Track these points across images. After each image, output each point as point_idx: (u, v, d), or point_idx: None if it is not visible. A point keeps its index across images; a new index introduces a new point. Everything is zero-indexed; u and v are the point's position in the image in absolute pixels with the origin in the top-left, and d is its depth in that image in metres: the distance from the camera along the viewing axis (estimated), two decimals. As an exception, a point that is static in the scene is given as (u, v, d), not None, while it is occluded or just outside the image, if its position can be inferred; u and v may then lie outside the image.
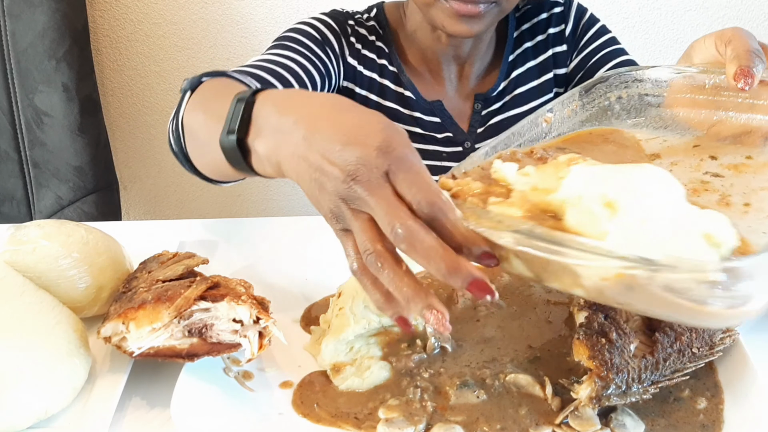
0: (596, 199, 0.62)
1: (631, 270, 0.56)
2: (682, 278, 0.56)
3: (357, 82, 1.36)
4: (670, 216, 0.61)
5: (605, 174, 0.65)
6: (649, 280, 0.56)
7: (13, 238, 0.87)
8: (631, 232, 0.60)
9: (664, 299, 0.57)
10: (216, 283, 0.80)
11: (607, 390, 0.71)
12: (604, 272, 0.58)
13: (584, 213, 0.62)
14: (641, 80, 0.88)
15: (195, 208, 2.36)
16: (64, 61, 1.85)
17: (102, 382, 0.80)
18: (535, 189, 0.68)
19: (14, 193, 1.90)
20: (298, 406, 0.78)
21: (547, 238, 0.59)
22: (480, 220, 0.63)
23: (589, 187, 0.64)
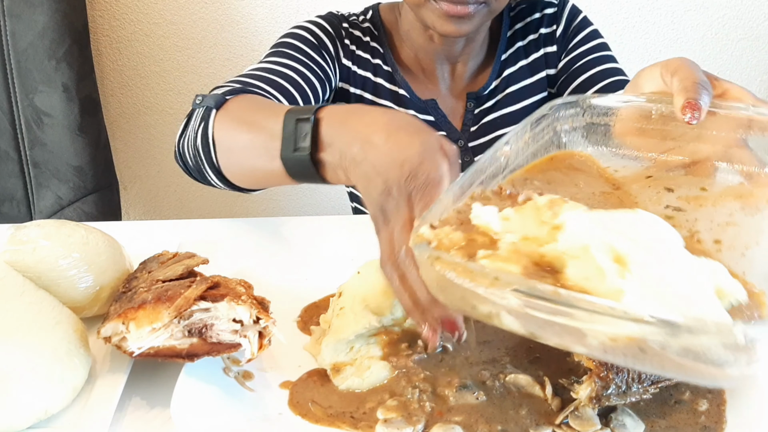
0: (604, 254, 0.58)
1: (650, 334, 0.53)
2: (704, 342, 0.53)
3: (351, 82, 1.38)
4: (678, 270, 0.58)
5: (604, 223, 0.62)
6: (667, 343, 0.53)
7: (13, 238, 0.87)
8: (646, 291, 0.56)
9: (677, 363, 0.54)
10: (216, 283, 0.80)
11: (607, 390, 0.71)
12: (614, 333, 0.55)
13: (591, 268, 0.58)
14: (587, 109, 0.87)
15: (195, 208, 2.36)
16: (64, 61, 1.85)
17: (102, 382, 0.80)
18: (525, 239, 0.64)
19: (14, 193, 1.90)
20: (294, 406, 0.77)
21: (554, 298, 0.55)
22: (475, 278, 0.59)
23: (593, 239, 0.60)
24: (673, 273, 0.57)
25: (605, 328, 0.54)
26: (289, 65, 1.26)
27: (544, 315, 0.56)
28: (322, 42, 1.34)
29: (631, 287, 0.56)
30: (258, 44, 2.11)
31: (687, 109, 0.77)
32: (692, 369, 0.55)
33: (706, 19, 2.14)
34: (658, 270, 0.57)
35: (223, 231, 1.15)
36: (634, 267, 0.57)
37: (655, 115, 0.84)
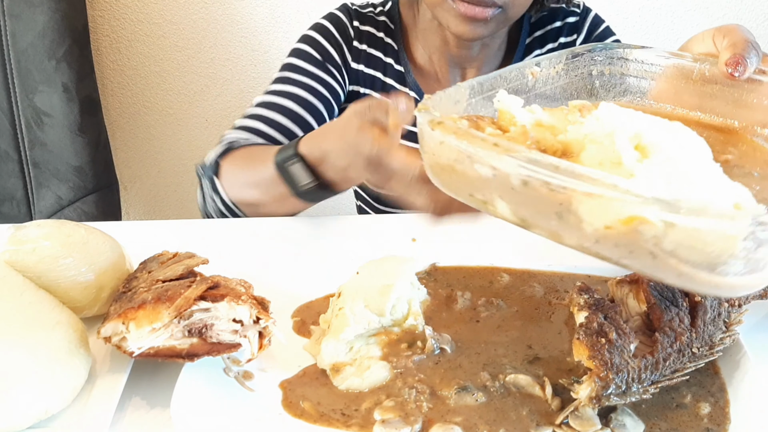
0: (628, 140, 0.56)
1: (647, 211, 0.50)
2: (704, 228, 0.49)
3: (360, 83, 1.38)
4: (700, 175, 0.56)
5: (638, 117, 0.60)
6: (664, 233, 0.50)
7: (13, 238, 0.87)
8: (659, 180, 0.53)
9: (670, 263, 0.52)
10: (216, 283, 0.80)
11: (606, 390, 0.71)
12: (614, 215, 0.52)
13: (608, 153, 0.56)
14: (626, 59, 0.86)
15: (195, 208, 2.34)
16: (64, 61, 1.85)
17: (102, 382, 0.79)
18: (540, 125, 0.62)
19: (14, 193, 1.90)
20: (287, 406, 0.77)
21: (554, 165, 0.53)
22: (475, 141, 0.58)
23: (621, 126, 0.58)
24: (695, 175, 0.55)
25: (602, 210, 0.52)
26: (292, 94, 1.32)
27: (542, 185, 0.54)
28: (328, 54, 1.35)
29: (644, 173, 0.53)
30: (258, 44, 2.11)
31: (732, 62, 0.77)
32: (685, 272, 0.52)
33: (707, 20, 2.13)
34: (680, 167, 0.54)
35: (223, 231, 1.15)
36: (656, 158, 0.54)
37: (696, 76, 0.83)
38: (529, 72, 0.77)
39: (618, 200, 0.51)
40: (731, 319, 0.80)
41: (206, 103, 2.20)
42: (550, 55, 0.81)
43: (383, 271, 0.87)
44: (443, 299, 0.92)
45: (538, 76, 0.79)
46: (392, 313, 0.85)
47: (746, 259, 0.51)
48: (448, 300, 0.92)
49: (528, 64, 0.78)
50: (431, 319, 0.88)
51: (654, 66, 0.85)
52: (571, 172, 0.53)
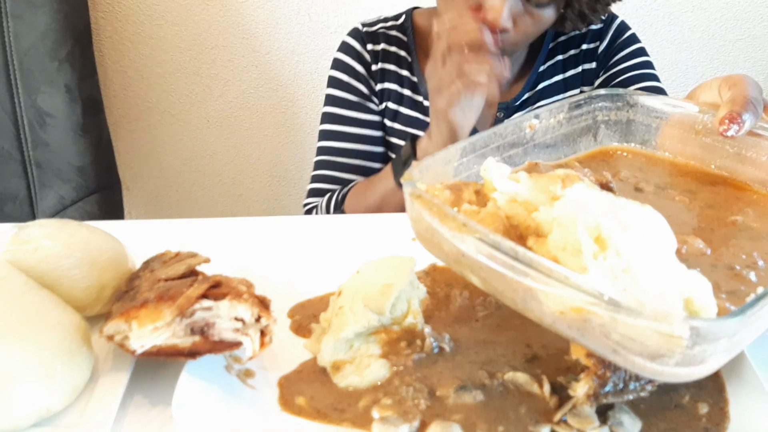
0: (588, 231, 0.59)
1: (592, 306, 0.55)
2: (641, 326, 0.54)
3: (385, 98, 1.41)
4: (655, 269, 0.58)
5: (604, 205, 0.62)
6: (607, 323, 0.55)
7: (16, 237, 0.87)
8: (610, 277, 0.57)
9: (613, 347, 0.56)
10: (218, 282, 0.80)
11: (604, 388, 0.72)
12: (566, 303, 0.56)
13: (572, 241, 0.60)
14: (633, 105, 0.86)
15: (197, 208, 2.37)
16: (67, 62, 1.85)
17: (104, 381, 0.80)
18: (514, 201, 0.65)
19: (17, 193, 1.91)
20: (284, 404, 0.78)
21: (514, 255, 0.57)
22: (446, 220, 0.62)
23: (584, 214, 0.61)
24: (647, 271, 0.58)
25: (556, 297, 0.56)
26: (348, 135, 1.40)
27: (499, 267, 0.58)
28: (361, 93, 1.41)
29: (598, 270, 0.57)
30: (259, 45, 2.12)
31: (725, 119, 0.76)
32: (626, 358, 0.56)
33: (704, 20, 2.14)
34: (632, 263, 0.58)
35: (225, 230, 1.15)
36: (611, 252, 0.58)
37: (700, 127, 0.83)
38: (527, 125, 0.79)
39: (568, 293, 0.56)
40: (729, 317, 0.81)
41: (208, 103, 2.21)
42: (550, 106, 0.82)
43: (384, 271, 0.87)
44: (442, 298, 0.92)
45: (536, 127, 0.80)
46: (392, 311, 0.85)
47: (683, 355, 0.54)
48: (447, 299, 0.92)
49: (526, 117, 0.79)
50: (430, 317, 0.89)
51: (660, 113, 0.86)
52: (528, 261, 0.57)
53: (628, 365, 0.58)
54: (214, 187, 2.34)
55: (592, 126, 0.86)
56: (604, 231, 0.59)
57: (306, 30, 2.09)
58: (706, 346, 0.54)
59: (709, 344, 0.54)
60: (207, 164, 2.30)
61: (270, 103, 2.21)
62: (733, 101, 0.78)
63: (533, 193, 0.66)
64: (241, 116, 2.23)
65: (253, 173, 2.32)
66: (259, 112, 2.23)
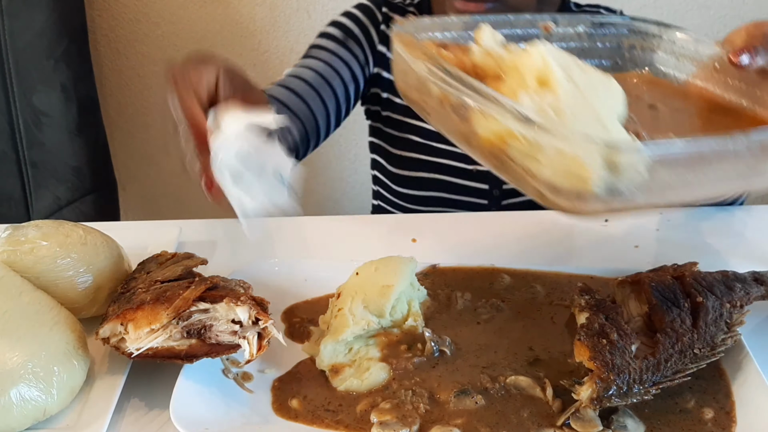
0: (534, 74, 0.63)
1: (509, 123, 0.57)
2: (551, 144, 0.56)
3: (385, 67, 1.40)
4: (586, 118, 0.61)
5: (565, 60, 0.65)
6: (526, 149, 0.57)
7: (11, 238, 0.87)
8: (538, 110, 0.60)
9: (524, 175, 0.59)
10: (215, 283, 0.79)
11: (608, 391, 0.71)
12: (491, 128, 0.59)
13: (521, 82, 0.64)
14: (659, 37, 0.85)
15: (193, 209, 2.35)
16: (63, 61, 1.84)
17: (100, 383, 0.79)
18: (488, 54, 0.69)
19: (12, 194, 1.90)
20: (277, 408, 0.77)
21: (456, 77, 0.62)
22: (411, 48, 0.67)
23: (537, 63, 0.64)
24: (578, 116, 0.60)
25: (483, 122, 0.60)
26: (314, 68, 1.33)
27: (442, 86, 0.64)
28: (351, 33, 1.38)
29: (528, 100, 0.61)
30: (257, 44, 2.11)
31: (739, 51, 0.77)
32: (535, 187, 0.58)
33: (707, 20, 2.13)
34: (567, 106, 0.61)
35: (222, 231, 1.14)
36: (549, 94, 0.61)
37: (721, 66, 0.84)
38: (541, 25, 0.79)
39: (494, 112, 0.59)
40: (733, 319, 0.80)
41: (205, 103, 2.20)
42: (572, 15, 0.82)
43: (383, 272, 0.86)
44: (443, 300, 0.92)
45: (552, 31, 0.80)
46: (392, 314, 0.84)
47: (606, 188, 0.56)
48: (449, 301, 0.91)
49: (543, 17, 0.79)
50: (431, 320, 0.88)
51: (684, 49, 0.86)
52: (468, 83, 0.62)
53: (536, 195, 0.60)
54: (211, 188, 2.33)
55: (616, 50, 0.86)
56: (551, 78, 0.62)
57: (305, 28, 2.08)
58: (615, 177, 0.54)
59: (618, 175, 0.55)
60: (204, 164, 2.29)
61: (268, 103, 2.20)
62: (752, 36, 0.79)
63: (512, 56, 0.69)
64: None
65: (250, 173, 2.31)
66: (256, 111, 2.22)
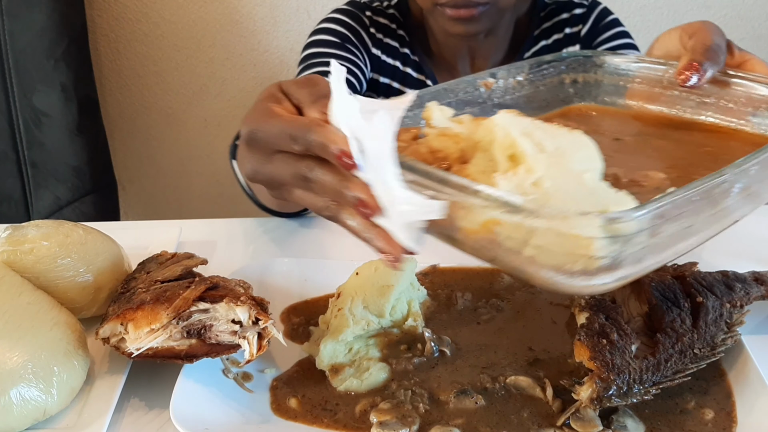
0: (503, 150, 0.59)
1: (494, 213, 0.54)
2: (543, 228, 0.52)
3: (380, 72, 1.41)
4: (570, 186, 0.57)
5: (528, 129, 0.61)
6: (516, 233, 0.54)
7: (11, 238, 0.87)
8: (519, 191, 0.56)
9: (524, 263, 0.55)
10: (215, 283, 0.79)
11: (608, 391, 0.71)
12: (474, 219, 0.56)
13: (490, 162, 0.60)
14: (600, 66, 0.84)
15: (194, 209, 2.36)
16: (63, 61, 1.84)
17: (100, 383, 0.79)
18: (443, 134, 0.66)
19: (12, 194, 1.90)
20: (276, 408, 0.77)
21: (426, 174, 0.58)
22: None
23: (503, 135, 0.60)
24: (561, 186, 0.57)
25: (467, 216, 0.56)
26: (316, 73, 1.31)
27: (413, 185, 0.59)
28: (345, 36, 1.37)
29: (505, 183, 0.57)
30: (257, 44, 2.11)
31: (685, 70, 0.74)
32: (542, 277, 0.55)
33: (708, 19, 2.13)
34: (545, 178, 0.57)
35: (222, 231, 1.14)
36: (522, 169, 0.57)
37: (666, 81, 0.81)
38: (481, 83, 0.76)
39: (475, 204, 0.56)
40: (733, 319, 0.80)
41: (205, 103, 2.20)
42: (509, 66, 0.80)
43: (383, 272, 0.86)
44: (443, 300, 0.92)
45: (493, 87, 0.78)
46: (392, 314, 0.84)
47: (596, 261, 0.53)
48: (449, 301, 0.91)
49: (481, 75, 0.77)
50: (431, 320, 0.88)
51: (627, 71, 0.84)
52: (440, 178, 0.57)
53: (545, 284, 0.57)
54: (211, 188, 2.33)
55: (559, 88, 0.84)
56: (518, 150, 0.58)
57: (305, 28, 2.08)
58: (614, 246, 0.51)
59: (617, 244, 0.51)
60: (204, 164, 2.29)
61: (268, 103, 2.20)
62: (693, 50, 0.76)
63: (468, 130, 0.66)
64: (240, 116, 2.21)
65: (250, 173, 2.31)
66: (256, 111, 2.22)
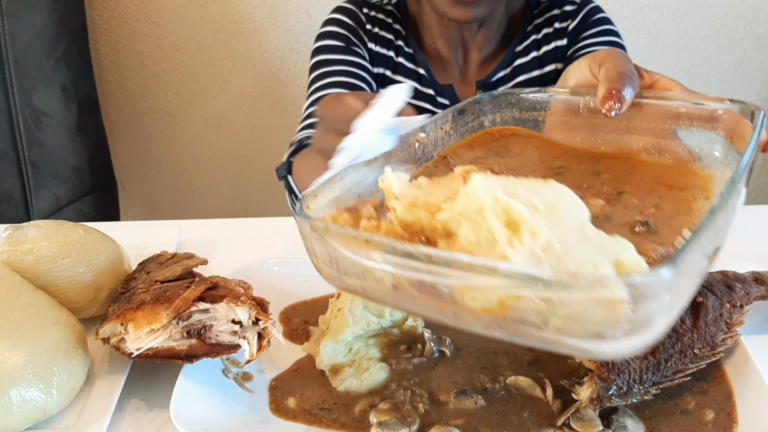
0: (497, 216, 0.55)
1: (523, 290, 0.50)
2: (578, 299, 0.49)
3: (374, 63, 1.46)
4: (575, 241, 0.55)
5: (508, 188, 0.58)
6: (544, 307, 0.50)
7: (11, 238, 0.87)
8: (533, 259, 0.52)
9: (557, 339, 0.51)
10: (215, 283, 0.79)
11: (608, 391, 0.71)
12: (489, 298, 0.52)
13: (483, 232, 0.55)
14: (514, 104, 0.85)
15: (194, 209, 2.36)
16: (63, 61, 1.84)
17: (100, 383, 0.79)
18: (414, 205, 0.61)
19: (12, 194, 1.90)
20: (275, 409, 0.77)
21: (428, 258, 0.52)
22: (347, 241, 0.57)
23: (489, 201, 0.56)
24: (568, 244, 0.54)
25: (480, 296, 0.51)
26: (334, 83, 1.39)
27: (415, 275, 0.53)
28: (348, 39, 1.44)
29: (518, 254, 0.53)
30: (257, 44, 2.11)
31: (607, 99, 0.75)
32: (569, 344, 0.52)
33: (708, 19, 2.13)
34: (552, 239, 0.54)
35: (222, 231, 1.14)
36: (526, 235, 0.54)
37: (582, 109, 0.82)
38: (413, 140, 0.76)
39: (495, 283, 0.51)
40: (733, 319, 0.80)
41: (205, 102, 2.20)
42: (434, 117, 0.79)
43: (383, 272, 0.86)
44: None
45: (425, 141, 0.78)
46: (392, 314, 0.84)
47: (629, 321, 0.50)
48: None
49: (412, 132, 0.76)
50: (431, 320, 0.88)
51: (543, 105, 0.85)
52: (445, 261, 0.52)
53: (574, 352, 0.54)
54: (211, 188, 2.33)
55: (480, 131, 0.85)
56: (513, 213, 0.55)
57: (305, 28, 2.08)
58: (649, 303, 0.50)
59: (653, 301, 0.50)
60: (204, 164, 2.29)
61: (269, 102, 2.20)
62: (609, 79, 0.77)
63: (434, 194, 0.62)
64: (239, 115, 2.22)
65: (251, 173, 2.31)
66: (257, 111, 2.22)
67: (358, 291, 0.61)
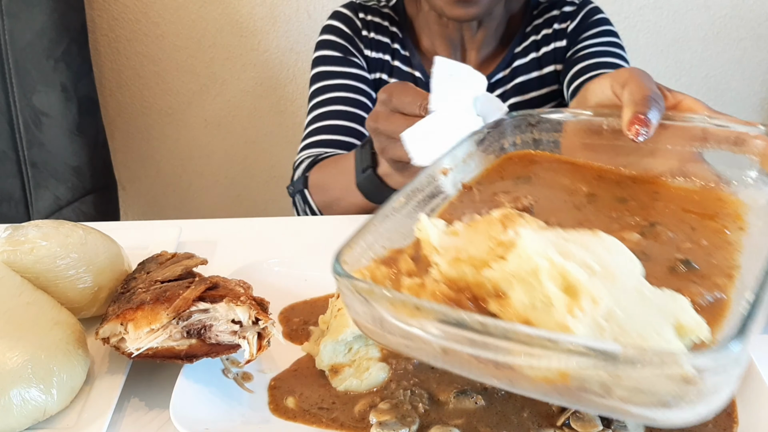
0: (554, 281, 0.52)
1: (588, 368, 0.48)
2: (647, 377, 0.47)
3: (371, 68, 1.47)
4: (634, 305, 0.52)
5: (559, 245, 0.55)
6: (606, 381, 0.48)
7: (11, 238, 0.87)
8: (596, 329, 0.50)
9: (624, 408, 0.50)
10: (215, 283, 0.79)
11: (608, 391, 0.71)
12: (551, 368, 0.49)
13: (537, 292, 0.53)
14: (534, 125, 0.84)
15: (194, 209, 2.36)
16: (63, 61, 1.84)
17: (100, 383, 0.79)
18: (458, 261, 0.58)
19: (12, 194, 1.90)
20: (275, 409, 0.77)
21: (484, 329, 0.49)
22: (396, 307, 0.53)
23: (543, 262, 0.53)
24: (628, 309, 0.52)
25: (537, 363, 0.49)
26: (334, 98, 1.41)
27: (470, 349, 0.51)
28: (345, 49, 1.45)
29: (581, 325, 0.50)
30: (257, 44, 2.11)
31: (634, 124, 0.73)
32: (640, 414, 0.50)
33: (708, 19, 2.13)
34: (613, 306, 0.52)
35: (222, 231, 1.14)
36: (586, 302, 0.51)
37: (606, 130, 0.80)
38: (439, 172, 0.75)
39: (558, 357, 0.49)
40: (733, 320, 0.80)
41: (205, 103, 2.20)
42: (452, 152, 0.78)
43: (383, 272, 0.86)
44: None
45: (449, 172, 0.76)
46: (392, 314, 0.84)
47: (699, 392, 0.49)
48: (449, 301, 0.91)
49: (436, 166, 0.75)
50: (431, 320, 0.88)
51: (562, 125, 0.84)
52: (503, 332, 0.50)
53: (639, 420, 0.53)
54: (211, 188, 2.34)
55: (501, 153, 0.84)
56: (571, 277, 0.52)
57: (305, 28, 2.09)
58: (718, 377, 0.48)
59: (722, 374, 0.49)
60: (204, 164, 2.29)
61: (268, 103, 2.20)
62: (634, 102, 0.74)
63: (474, 244, 0.59)
64: (239, 116, 2.22)
65: (251, 173, 2.31)
66: (257, 111, 2.22)
67: (402, 350, 0.58)
